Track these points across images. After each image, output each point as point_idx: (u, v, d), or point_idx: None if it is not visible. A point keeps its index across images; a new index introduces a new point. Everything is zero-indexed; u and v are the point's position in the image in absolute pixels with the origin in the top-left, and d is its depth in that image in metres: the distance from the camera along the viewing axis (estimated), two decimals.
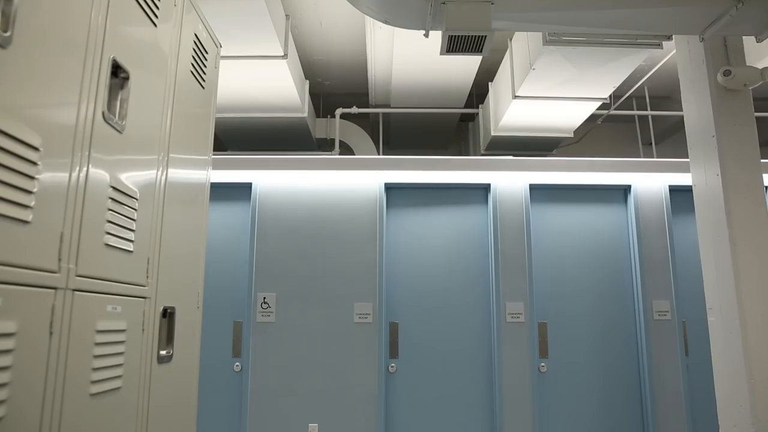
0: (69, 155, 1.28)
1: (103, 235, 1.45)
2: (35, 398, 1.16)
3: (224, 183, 4.32)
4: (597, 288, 4.34)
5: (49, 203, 1.20)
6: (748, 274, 3.10)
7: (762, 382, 2.99)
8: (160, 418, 1.84)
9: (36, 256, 1.15)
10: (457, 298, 4.29)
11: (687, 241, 4.35)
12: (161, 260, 1.83)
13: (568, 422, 4.13)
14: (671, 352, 4.20)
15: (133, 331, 1.63)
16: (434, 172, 4.31)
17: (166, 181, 1.88)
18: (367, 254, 4.25)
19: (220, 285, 4.23)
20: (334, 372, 4.11)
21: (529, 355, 4.14)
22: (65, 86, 1.26)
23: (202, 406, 4.06)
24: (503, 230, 4.31)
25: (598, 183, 4.42)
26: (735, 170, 3.19)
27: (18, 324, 1.09)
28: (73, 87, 1.29)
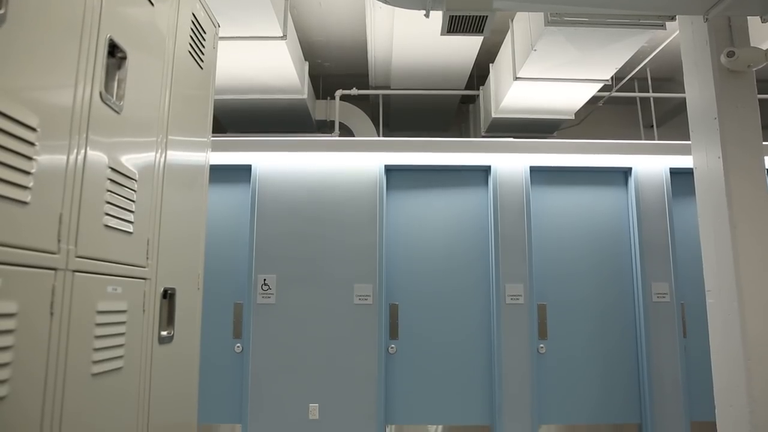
0: (67, 136, 1.27)
1: (103, 217, 1.45)
2: (37, 378, 1.17)
3: (224, 165, 4.31)
4: (596, 270, 4.36)
5: (48, 184, 1.20)
6: (748, 256, 3.10)
7: (759, 363, 3.01)
8: (162, 398, 1.85)
9: (35, 237, 1.15)
10: (457, 279, 4.31)
11: (687, 224, 4.35)
12: (161, 242, 1.83)
13: (566, 402, 4.18)
14: (669, 334, 4.22)
15: (134, 312, 1.64)
16: (434, 153, 4.30)
17: (165, 163, 1.87)
18: (367, 236, 4.26)
19: (221, 267, 4.24)
20: (335, 353, 4.14)
21: (529, 337, 4.17)
22: (61, 65, 1.25)
23: (204, 387, 4.09)
24: (503, 212, 4.31)
25: (599, 165, 4.41)
26: (736, 153, 3.18)
27: (18, 305, 1.09)
28: (69, 66, 1.28)
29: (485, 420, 4.14)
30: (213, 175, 2.55)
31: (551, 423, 4.15)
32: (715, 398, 3.25)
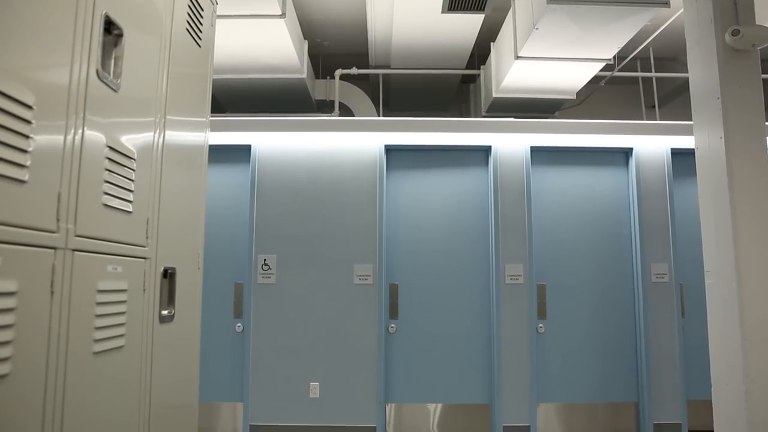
0: (64, 114, 1.26)
1: (102, 196, 1.44)
2: (39, 356, 1.17)
3: (223, 145, 4.29)
4: (596, 250, 4.36)
5: (45, 163, 1.19)
6: (748, 237, 3.10)
7: (756, 344, 3.03)
8: (163, 376, 1.87)
9: (34, 215, 1.15)
10: (457, 259, 4.32)
11: (687, 205, 4.34)
12: (161, 221, 1.83)
13: (564, 381, 4.22)
14: (668, 314, 4.25)
15: (134, 291, 1.64)
16: (435, 133, 4.28)
17: (163, 143, 1.86)
18: (367, 216, 4.26)
19: (221, 247, 4.24)
20: (335, 332, 4.17)
21: (528, 317, 4.20)
22: (57, 43, 1.24)
23: (205, 366, 4.12)
24: (503, 192, 4.30)
25: (600, 146, 4.39)
26: (739, 133, 3.16)
27: (18, 283, 1.09)
28: (65, 43, 1.26)
29: (484, 399, 4.19)
30: (212, 156, 2.53)
31: (549, 401, 4.19)
32: (712, 377, 3.27)
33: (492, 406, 4.16)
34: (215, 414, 4.14)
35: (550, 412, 4.19)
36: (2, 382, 1.05)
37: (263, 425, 4.07)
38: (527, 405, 4.12)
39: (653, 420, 4.13)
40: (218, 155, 4.28)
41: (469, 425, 4.16)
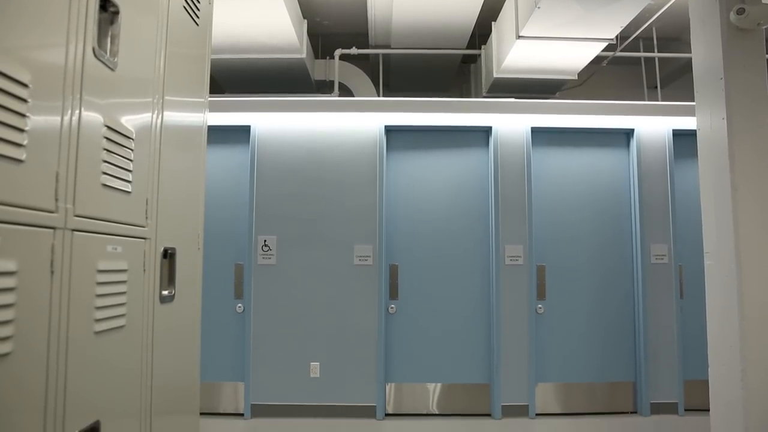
0: (60, 92, 1.25)
1: (100, 175, 1.43)
2: (40, 335, 1.18)
3: (222, 126, 4.26)
4: (596, 231, 4.37)
5: (43, 142, 1.18)
6: (748, 219, 3.10)
7: (753, 324, 3.05)
8: (165, 356, 1.88)
9: (32, 195, 1.14)
10: (457, 240, 4.32)
11: (688, 186, 4.33)
12: (160, 201, 1.83)
13: (563, 361, 4.25)
14: (667, 295, 4.27)
15: (135, 272, 1.64)
16: (435, 114, 4.25)
17: (161, 123, 1.85)
18: (367, 197, 4.25)
19: (221, 228, 4.24)
20: (335, 313, 4.19)
21: (527, 297, 4.22)
22: (51, 19, 1.22)
23: (206, 346, 4.15)
24: (504, 173, 4.29)
25: (601, 126, 4.37)
26: (741, 114, 3.14)
27: (18, 263, 1.09)
28: (60, 20, 1.25)
29: (483, 378, 4.22)
30: (211, 136, 2.52)
31: (548, 381, 4.23)
32: (709, 358, 3.30)
33: (491, 385, 4.20)
34: (217, 393, 4.19)
35: (548, 391, 4.23)
36: (3, 361, 1.05)
37: (264, 404, 4.12)
38: (526, 384, 4.16)
39: (650, 399, 4.18)
40: (217, 136, 4.25)
41: (468, 404, 4.21)
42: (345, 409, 4.12)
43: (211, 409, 4.15)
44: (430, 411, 4.22)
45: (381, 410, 4.12)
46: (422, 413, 4.21)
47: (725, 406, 3.14)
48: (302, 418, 4.08)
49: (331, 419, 4.06)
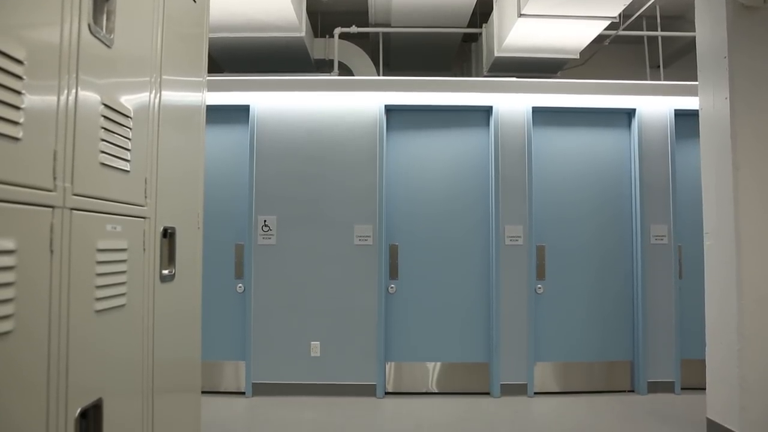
0: (56, 69, 1.23)
1: (98, 155, 1.43)
2: (41, 313, 1.18)
3: (221, 105, 4.23)
4: (596, 212, 4.36)
5: (39, 120, 1.17)
6: (748, 199, 3.10)
7: (751, 303, 3.06)
8: (166, 334, 1.89)
9: (30, 174, 1.14)
10: (457, 220, 4.32)
11: (689, 167, 4.31)
12: (159, 181, 1.82)
13: (562, 341, 4.28)
14: (666, 276, 4.28)
15: (135, 251, 1.64)
16: (435, 93, 4.22)
17: (159, 103, 1.83)
18: (367, 177, 4.24)
19: (221, 208, 4.24)
20: (335, 293, 4.21)
21: (527, 277, 4.23)
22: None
23: (207, 326, 4.18)
24: (504, 153, 4.28)
25: (602, 106, 4.34)
26: (745, 94, 3.11)
27: (17, 242, 1.09)
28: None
29: (482, 357, 4.26)
30: (210, 116, 2.50)
31: (547, 360, 4.27)
32: (707, 336, 3.32)
33: (490, 364, 4.23)
34: (219, 372, 4.22)
35: (546, 370, 4.27)
36: (5, 339, 1.06)
37: (265, 383, 4.16)
38: (525, 363, 4.20)
39: (647, 378, 4.22)
40: (216, 116, 4.22)
41: (467, 383, 4.25)
42: (345, 387, 4.16)
43: (212, 387, 4.19)
44: (430, 389, 4.26)
45: (381, 389, 4.16)
46: (422, 392, 4.25)
47: (722, 384, 3.18)
48: (303, 396, 4.12)
49: (332, 397, 4.11)
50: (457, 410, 3.87)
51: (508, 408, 3.91)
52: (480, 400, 4.10)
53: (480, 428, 3.51)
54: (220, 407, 3.88)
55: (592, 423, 3.60)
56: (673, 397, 4.15)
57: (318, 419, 3.65)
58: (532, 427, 3.54)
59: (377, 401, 4.08)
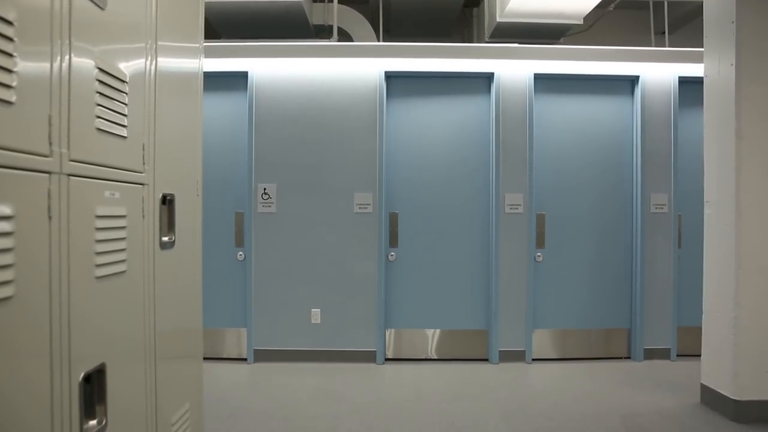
0: (48, 30, 1.20)
1: (94, 120, 1.41)
2: (41, 280, 1.18)
3: (219, 72, 4.17)
4: (597, 180, 4.35)
5: (33, 84, 1.15)
6: (750, 168, 3.08)
7: (749, 272, 3.08)
8: (167, 301, 1.90)
9: (25, 138, 1.12)
10: (457, 188, 4.31)
11: (692, 136, 4.28)
12: (157, 148, 1.80)
13: (560, 308, 4.32)
14: (665, 245, 4.29)
15: (134, 218, 1.64)
16: (436, 59, 4.16)
17: (156, 69, 1.80)
18: (367, 144, 4.22)
19: (220, 176, 4.23)
20: (335, 260, 4.23)
21: (527, 246, 4.24)
22: None
23: (208, 294, 4.20)
24: (505, 121, 4.24)
25: (605, 73, 4.28)
26: (751, 60, 3.06)
27: (14, 208, 1.08)
28: None
29: (481, 325, 4.31)
30: (208, 83, 2.47)
31: (545, 328, 4.32)
32: (704, 305, 3.35)
33: (489, 331, 4.28)
34: (221, 339, 4.28)
35: (544, 337, 4.32)
36: (6, 304, 1.06)
37: (267, 350, 4.22)
38: (523, 330, 4.24)
39: (644, 345, 4.28)
40: (215, 82, 4.17)
41: (466, 350, 4.31)
42: (346, 354, 4.22)
43: (215, 354, 4.25)
44: (429, 356, 4.32)
45: (381, 355, 4.22)
46: (421, 358, 4.32)
47: (716, 351, 3.22)
48: (304, 362, 4.18)
49: (332, 363, 4.17)
50: (456, 376, 3.93)
51: (507, 374, 3.97)
52: (479, 367, 4.16)
53: (478, 393, 3.57)
54: (222, 373, 3.95)
55: (589, 388, 3.66)
56: (668, 364, 4.21)
57: (319, 385, 3.71)
58: (529, 393, 3.60)
59: (377, 367, 4.14)
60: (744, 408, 3.06)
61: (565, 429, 2.97)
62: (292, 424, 3.03)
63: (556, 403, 3.36)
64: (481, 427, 3.00)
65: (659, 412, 3.22)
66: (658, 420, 3.10)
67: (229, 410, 3.23)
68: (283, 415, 3.17)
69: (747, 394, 3.07)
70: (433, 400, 3.44)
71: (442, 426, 3.02)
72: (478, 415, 3.19)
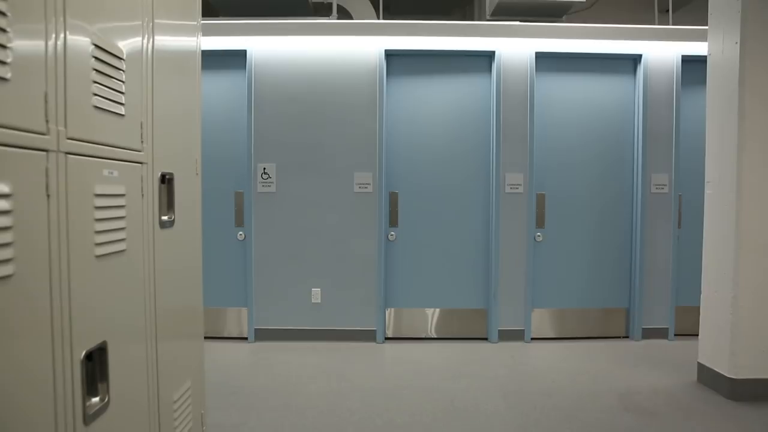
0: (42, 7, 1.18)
1: (91, 97, 1.39)
2: (41, 258, 1.18)
3: (218, 50, 4.13)
4: (597, 160, 4.33)
5: (28, 60, 1.13)
6: (752, 148, 3.07)
7: (749, 252, 3.08)
8: (167, 280, 1.91)
9: (21, 115, 1.11)
10: (458, 168, 4.30)
11: (694, 115, 4.25)
12: (155, 126, 1.79)
13: (559, 288, 4.34)
14: (664, 225, 4.30)
15: (133, 196, 1.63)
16: (436, 38, 4.11)
17: (153, 47, 1.78)
18: (367, 123, 4.19)
19: (220, 156, 4.21)
20: (335, 240, 4.24)
21: (526, 226, 4.25)
22: None
23: (209, 273, 4.22)
24: (506, 100, 4.21)
25: (608, 52, 4.23)
26: (756, 39, 3.03)
27: (12, 186, 1.07)
28: None
29: (481, 304, 4.33)
30: (207, 62, 2.45)
31: (544, 307, 4.34)
32: (702, 284, 3.36)
33: (488, 310, 4.31)
34: (222, 319, 4.31)
35: (544, 316, 4.35)
36: (6, 283, 1.06)
37: (268, 329, 4.25)
38: (522, 310, 4.27)
39: (642, 325, 4.31)
40: (213, 61, 4.13)
41: (465, 329, 4.34)
42: (346, 333, 4.25)
43: (216, 333, 4.28)
44: (429, 335, 4.35)
45: (381, 334, 4.25)
46: (421, 337, 4.35)
47: (714, 331, 3.24)
48: (305, 341, 4.21)
49: (333, 342, 4.20)
50: (456, 355, 3.97)
51: (505, 353, 4.01)
52: (478, 345, 4.20)
53: (477, 371, 3.60)
54: (224, 352, 3.98)
55: (587, 367, 3.70)
56: (666, 343, 4.25)
57: (319, 363, 3.74)
58: (528, 371, 3.64)
59: (377, 346, 4.18)
60: (740, 386, 3.09)
61: (563, 407, 3.01)
62: (293, 402, 3.06)
63: (555, 382, 3.40)
64: (480, 405, 3.03)
65: (656, 391, 3.25)
66: (654, 398, 3.14)
67: (231, 388, 3.26)
68: (284, 393, 3.21)
69: (743, 373, 3.10)
70: (433, 378, 3.47)
71: (441, 404, 3.05)
72: (477, 393, 3.22)
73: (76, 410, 1.30)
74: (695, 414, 2.92)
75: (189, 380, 2.14)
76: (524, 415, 2.91)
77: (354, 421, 2.83)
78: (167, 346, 1.90)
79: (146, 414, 1.74)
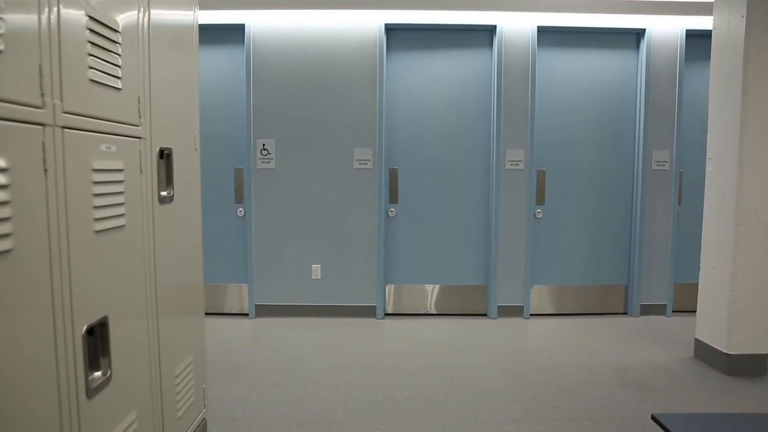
0: None
1: (87, 70, 1.37)
2: (40, 233, 1.18)
3: (215, 24, 4.07)
4: (599, 137, 4.31)
5: (22, 31, 1.11)
6: (755, 125, 3.04)
7: (748, 229, 3.08)
8: (167, 256, 1.91)
9: (15, 89, 1.09)
10: (458, 144, 4.28)
11: (697, 91, 4.21)
12: (153, 100, 1.77)
13: (559, 264, 4.36)
14: (665, 202, 4.29)
15: (131, 171, 1.62)
16: (437, 11, 4.04)
17: (149, 21, 1.75)
18: (367, 99, 4.15)
19: (219, 132, 4.18)
20: (335, 216, 4.23)
21: (527, 202, 4.24)
22: None
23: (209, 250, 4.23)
24: (507, 75, 4.16)
25: (611, 26, 4.17)
26: (763, 11, 2.98)
27: (9, 160, 1.06)
28: None
29: (480, 280, 4.35)
30: (204, 36, 2.41)
31: (543, 283, 4.36)
32: (701, 261, 3.37)
33: (488, 286, 4.33)
34: (223, 295, 4.33)
35: (543, 292, 4.37)
36: (5, 258, 1.06)
37: (268, 305, 4.27)
38: (522, 286, 4.29)
39: (640, 301, 4.33)
40: (211, 35, 4.07)
41: (465, 305, 4.37)
42: (346, 309, 4.27)
43: (217, 309, 4.31)
44: (429, 311, 4.38)
45: (381, 310, 4.28)
46: (421, 313, 4.38)
47: (712, 307, 3.26)
48: (305, 317, 4.24)
49: (333, 318, 4.23)
50: (455, 331, 4.00)
51: (504, 328, 4.04)
52: (477, 321, 4.23)
53: (476, 347, 3.63)
54: (224, 328, 4.01)
55: (585, 342, 3.73)
56: (664, 319, 4.28)
57: (320, 339, 3.77)
58: (527, 347, 3.67)
59: (377, 322, 4.21)
60: (736, 362, 3.12)
61: (561, 382, 3.04)
62: (294, 377, 3.10)
63: (553, 358, 3.43)
64: (479, 380, 3.07)
65: (653, 366, 3.28)
66: (651, 373, 3.17)
67: (232, 364, 3.29)
68: (284, 368, 3.24)
69: (740, 349, 3.12)
70: (433, 353, 3.50)
71: (441, 379, 3.08)
72: (476, 368, 3.25)
73: (78, 384, 1.31)
74: (692, 388, 2.96)
75: (190, 355, 2.16)
76: (523, 390, 2.94)
77: (355, 395, 2.86)
78: (168, 321, 1.91)
79: (148, 388, 1.76)
